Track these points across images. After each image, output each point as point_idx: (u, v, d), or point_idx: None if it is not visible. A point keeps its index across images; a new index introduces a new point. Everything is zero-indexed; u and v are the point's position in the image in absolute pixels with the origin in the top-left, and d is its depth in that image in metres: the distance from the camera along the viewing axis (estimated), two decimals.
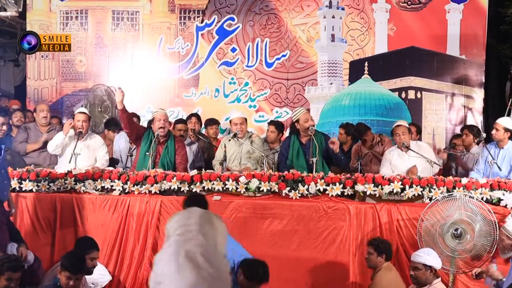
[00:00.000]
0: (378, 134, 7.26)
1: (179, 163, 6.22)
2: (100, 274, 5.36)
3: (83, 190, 5.76)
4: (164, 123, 6.21)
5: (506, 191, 5.36)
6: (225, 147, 6.45)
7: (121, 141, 7.14)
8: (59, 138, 6.34)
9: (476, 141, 6.72)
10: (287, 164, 6.20)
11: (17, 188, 5.78)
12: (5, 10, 8.05)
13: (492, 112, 8.75)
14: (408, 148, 6.04)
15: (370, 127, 7.28)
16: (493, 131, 6.02)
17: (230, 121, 6.64)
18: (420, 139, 6.22)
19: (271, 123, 7.43)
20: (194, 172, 5.74)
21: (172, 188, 5.66)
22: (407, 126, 6.19)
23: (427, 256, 4.62)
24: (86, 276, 4.86)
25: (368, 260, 4.93)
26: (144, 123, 7.86)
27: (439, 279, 4.65)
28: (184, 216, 3.93)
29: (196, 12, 8.94)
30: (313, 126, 6.17)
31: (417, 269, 4.62)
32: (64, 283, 4.19)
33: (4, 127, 6.68)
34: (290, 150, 6.24)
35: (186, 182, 5.60)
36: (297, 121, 6.22)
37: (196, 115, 7.79)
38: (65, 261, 4.24)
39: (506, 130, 5.96)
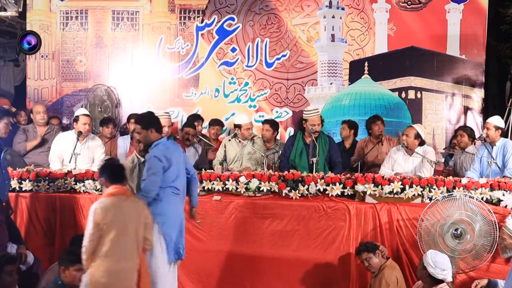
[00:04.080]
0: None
1: None
2: None
3: (83, 190, 5.77)
4: (168, 129, 6.19)
5: (506, 191, 5.36)
6: (225, 147, 6.44)
7: (124, 143, 7.02)
8: (55, 158, 6.32)
9: (474, 142, 6.69)
10: (289, 162, 6.17)
11: (17, 188, 5.79)
12: (5, 10, 8.01)
13: (492, 112, 8.71)
14: (406, 147, 6.02)
15: (380, 117, 7.18)
16: (485, 131, 6.02)
17: (239, 126, 6.57)
18: (421, 143, 6.13)
19: (266, 122, 7.26)
20: None
21: None
22: (418, 131, 6.03)
23: (431, 265, 4.46)
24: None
25: (371, 266, 4.91)
26: None
27: (445, 283, 4.58)
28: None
29: (196, 12, 8.93)
30: (317, 131, 6.06)
31: (421, 269, 4.60)
32: (72, 276, 4.31)
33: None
34: (294, 149, 6.18)
35: None
36: (306, 120, 6.13)
37: (201, 118, 7.76)
38: (69, 257, 4.37)
39: (497, 128, 5.99)
